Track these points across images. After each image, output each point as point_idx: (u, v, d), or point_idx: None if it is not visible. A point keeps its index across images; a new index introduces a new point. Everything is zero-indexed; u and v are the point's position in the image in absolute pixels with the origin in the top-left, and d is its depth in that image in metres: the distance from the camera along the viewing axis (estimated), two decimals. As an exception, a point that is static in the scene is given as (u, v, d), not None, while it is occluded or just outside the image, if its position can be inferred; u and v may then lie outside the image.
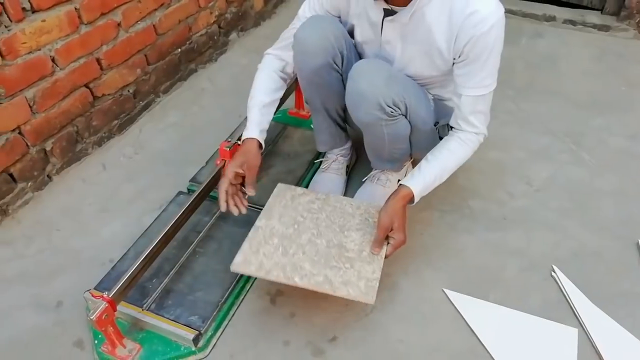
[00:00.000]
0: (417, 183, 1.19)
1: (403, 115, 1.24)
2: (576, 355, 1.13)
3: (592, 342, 1.15)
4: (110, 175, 1.68)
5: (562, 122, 1.83)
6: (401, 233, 1.17)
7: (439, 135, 1.34)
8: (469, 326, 1.20)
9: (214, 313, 1.19)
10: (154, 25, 1.85)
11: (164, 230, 1.21)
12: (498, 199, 1.54)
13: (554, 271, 1.31)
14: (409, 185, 1.18)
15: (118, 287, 1.08)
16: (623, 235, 1.41)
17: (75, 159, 1.70)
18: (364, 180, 1.52)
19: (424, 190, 1.20)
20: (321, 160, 1.58)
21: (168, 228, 1.22)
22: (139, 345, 1.15)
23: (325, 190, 1.49)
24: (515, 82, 2.05)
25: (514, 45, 2.30)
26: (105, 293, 1.07)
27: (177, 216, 1.25)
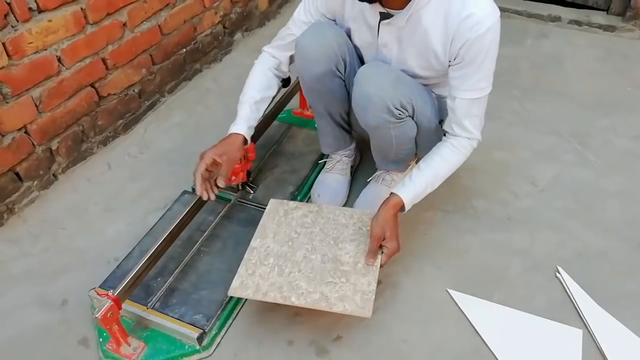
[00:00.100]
0: (408, 192, 1.19)
1: (410, 117, 1.24)
2: (580, 357, 1.13)
3: (597, 344, 1.15)
4: (116, 174, 1.69)
5: (568, 123, 1.83)
6: (394, 241, 1.17)
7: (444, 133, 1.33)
8: (473, 326, 1.20)
9: (219, 312, 1.19)
10: (159, 26, 1.86)
11: (169, 229, 1.22)
12: (502, 199, 1.54)
13: (558, 272, 1.30)
14: (400, 194, 1.18)
15: (123, 286, 1.09)
16: (628, 236, 1.40)
17: (81, 158, 1.71)
18: (368, 180, 1.52)
19: (414, 199, 1.20)
20: (325, 160, 1.58)
21: (173, 227, 1.23)
22: (144, 344, 1.15)
23: (330, 190, 1.49)
24: (521, 83, 2.05)
25: (519, 46, 2.30)
26: (111, 291, 1.07)
27: (182, 215, 1.26)
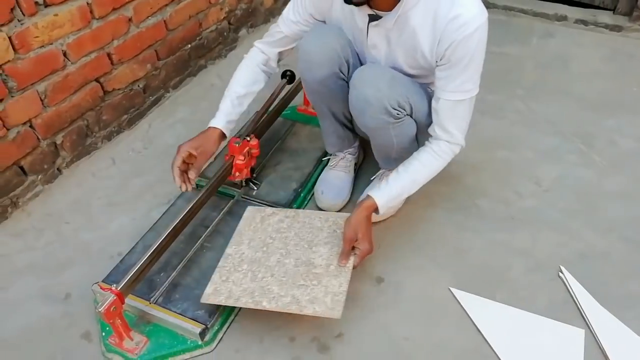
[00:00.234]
0: (382, 195, 1.20)
1: (409, 115, 1.24)
2: (583, 357, 1.13)
3: (599, 344, 1.15)
4: (120, 169, 1.70)
5: (572, 123, 1.82)
6: (366, 242, 1.17)
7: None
8: (475, 325, 1.20)
9: (221, 307, 1.19)
10: (165, 21, 1.86)
11: (172, 225, 1.22)
12: (506, 198, 1.53)
13: (561, 272, 1.30)
14: (374, 197, 1.19)
15: (126, 280, 1.09)
16: (631, 236, 1.40)
17: (85, 152, 1.71)
18: (372, 178, 1.52)
19: (388, 202, 1.21)
20: (329, 157, 1.58)
21: (176, 222, 1.23)
22: (146, 338, 1.16)
23: (333, 187, 1.49)
24: (525, 82, 2.04)
25: (525, 45, 2.29)
26: (114, 286, 1.08)
27: (186, 211, 1.26)
